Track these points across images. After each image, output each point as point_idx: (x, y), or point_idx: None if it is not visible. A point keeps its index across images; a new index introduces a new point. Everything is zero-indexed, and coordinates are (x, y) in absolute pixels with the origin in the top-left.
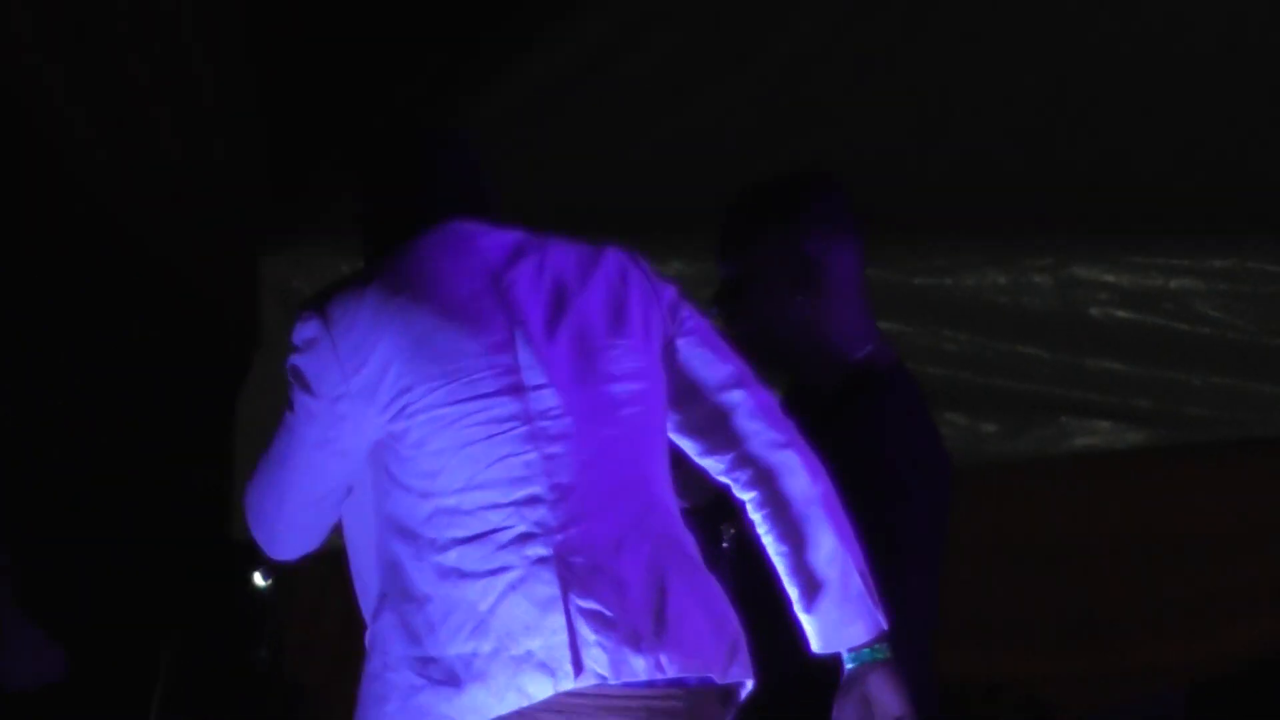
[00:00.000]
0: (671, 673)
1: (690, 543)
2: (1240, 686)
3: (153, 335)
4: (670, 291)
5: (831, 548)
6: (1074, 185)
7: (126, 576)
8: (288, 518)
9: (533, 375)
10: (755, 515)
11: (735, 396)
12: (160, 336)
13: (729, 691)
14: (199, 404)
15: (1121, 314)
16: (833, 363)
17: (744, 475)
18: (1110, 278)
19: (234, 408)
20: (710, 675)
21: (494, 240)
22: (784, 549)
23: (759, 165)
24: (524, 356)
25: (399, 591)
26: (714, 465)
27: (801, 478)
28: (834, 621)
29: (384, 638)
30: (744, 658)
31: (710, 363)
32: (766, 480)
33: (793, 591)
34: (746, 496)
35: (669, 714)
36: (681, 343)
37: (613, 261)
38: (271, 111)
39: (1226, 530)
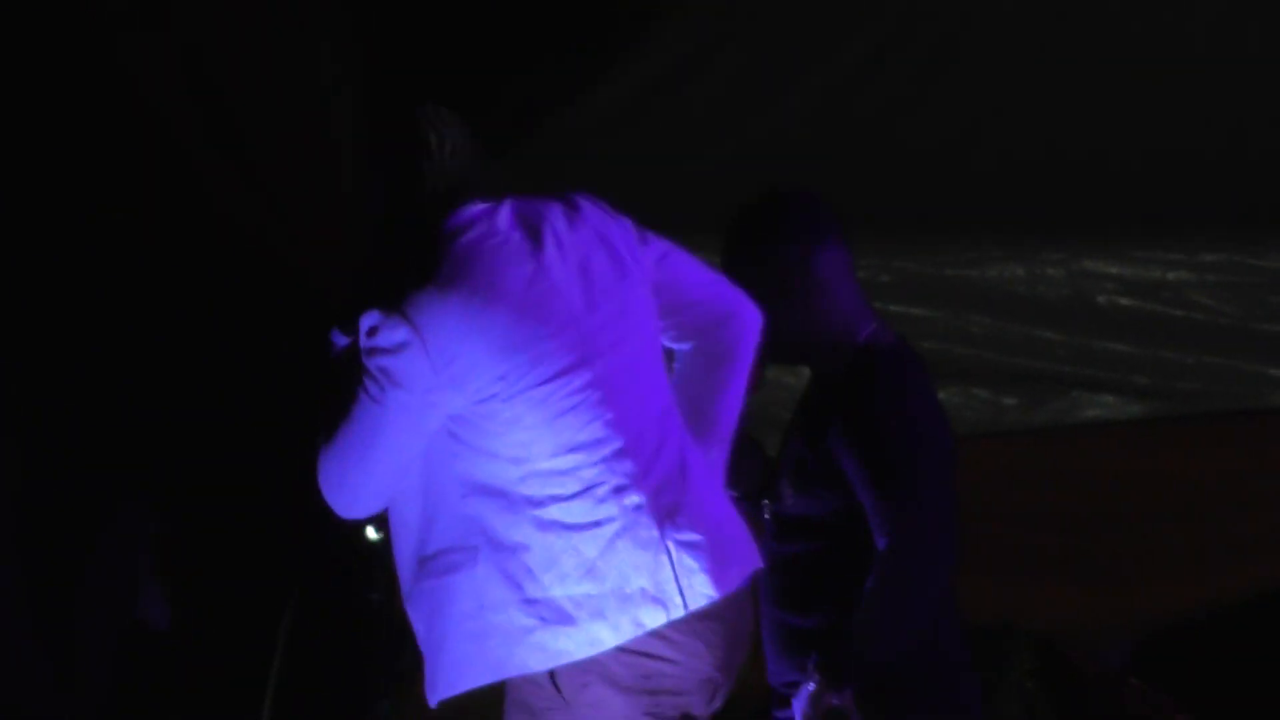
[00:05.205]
0: (751, 566)
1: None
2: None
3: (278, 325)
4: (630, 222)
5: (737, 402)
6: (1083, 190)
7: (257, 529)
8: (370, 488)
9: (592, 343)
10: (688, 356)
11: (711, 293)
12: (283, 326)
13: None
14: (316, 380)
15: (1125, 302)
16: (838, 347)
17: (693, 343)
18: (1115, 270)
19: None
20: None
21: (509, 216)
22: (702, 387)
23: (814, 173)
24: (585, 327)
25: (489, 544)
26: (671, 337)
27: (738, 343)
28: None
29: (480, 584)
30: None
31: (687, 271)
32: (709, 347)
33: (696, 423)
34: (685, 347)
35: (717, 617)
36: (660, 262)
37: (592, 213)
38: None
39: (1215, 489)
